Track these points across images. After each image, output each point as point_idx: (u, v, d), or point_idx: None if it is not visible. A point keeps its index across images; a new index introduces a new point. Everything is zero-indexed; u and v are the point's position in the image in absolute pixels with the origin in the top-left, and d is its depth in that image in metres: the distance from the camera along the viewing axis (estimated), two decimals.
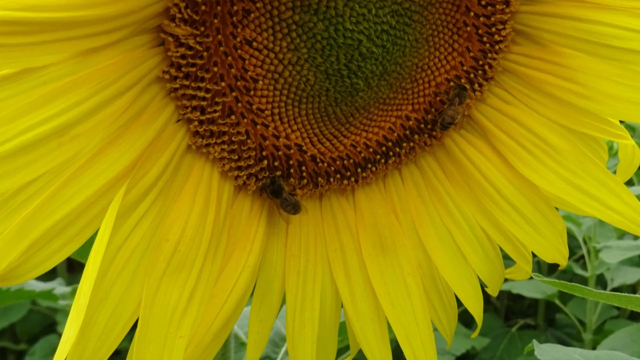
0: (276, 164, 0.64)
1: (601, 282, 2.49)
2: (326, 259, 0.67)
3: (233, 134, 0.60)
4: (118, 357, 0.66)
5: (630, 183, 2.50)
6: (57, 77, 0.47)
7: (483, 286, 0.73)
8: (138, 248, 0.54)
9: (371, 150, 0.69)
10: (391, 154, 0.70)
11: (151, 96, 0.55)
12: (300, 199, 0.66)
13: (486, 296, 0.74)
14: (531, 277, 0.74)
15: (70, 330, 0.49)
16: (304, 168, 0.66)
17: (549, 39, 0.65)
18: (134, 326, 0.53)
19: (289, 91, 0.61)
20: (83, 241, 0.51)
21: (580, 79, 0.64)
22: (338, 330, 0.68)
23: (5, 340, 2.68)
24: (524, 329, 2.65)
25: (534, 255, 0.73)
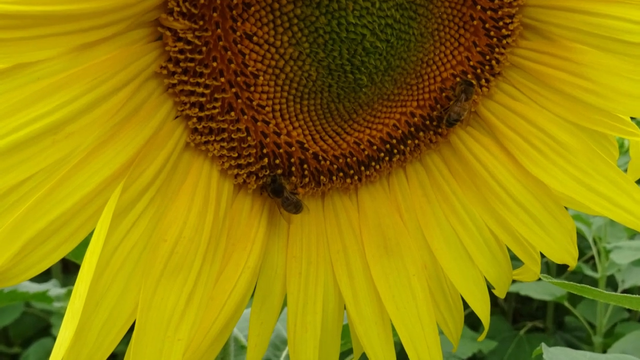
0: (277, 161, 0.63)
1: (612, 283, 2.47)
2: (329, 260, 0.66)
3: (233, 131, 0.59)
4: None
5: None
6: (52, 73, 0.46)
7: (490, 288, 0.72)
8: (135, 249, 0.53)
9: (375, 147, 0.68)
10: (395, 151, 0.69)
11: (148, 92, 0.54)
12: (302, 198, 0.65)
13: (493, 298, 0.73)
14: (540, 279, 0.73)
15: (65, 334, 0.48)
16: (305, 166, 0.65)
17: (558, 33, 0.64)
18: (131, 329, 0.52)
19: (290, 87, 0.60)
20: (78, 241, 0.50)
21: (591, 75, 0.63)
22: (341, 334, 0.67)
23: None
24: (532, 332, 2.63)
25: (542, 256, 0.72)
